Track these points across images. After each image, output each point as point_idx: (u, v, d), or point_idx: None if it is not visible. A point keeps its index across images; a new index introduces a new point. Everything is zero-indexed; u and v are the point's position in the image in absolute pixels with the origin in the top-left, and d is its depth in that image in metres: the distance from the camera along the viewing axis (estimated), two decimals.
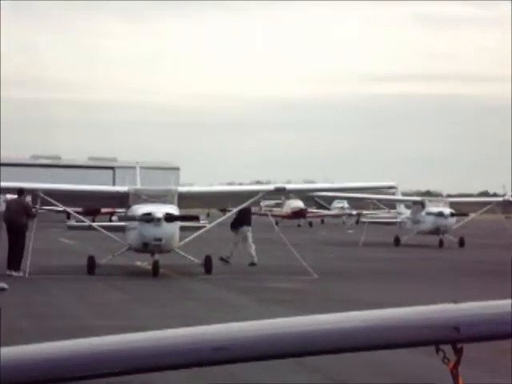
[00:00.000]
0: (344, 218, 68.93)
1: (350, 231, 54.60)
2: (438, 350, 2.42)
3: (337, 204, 71.55)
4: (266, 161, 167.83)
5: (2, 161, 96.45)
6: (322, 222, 73.89)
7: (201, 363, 4.15)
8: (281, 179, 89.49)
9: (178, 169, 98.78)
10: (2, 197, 45.95)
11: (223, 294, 19.36)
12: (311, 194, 43.69)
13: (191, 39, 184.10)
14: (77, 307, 16.83)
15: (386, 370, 10.28)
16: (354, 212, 67.02)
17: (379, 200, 46.85)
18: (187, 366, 4.26)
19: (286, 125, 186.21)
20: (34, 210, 24.16)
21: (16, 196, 24.45)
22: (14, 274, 22.52)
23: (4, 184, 27.37)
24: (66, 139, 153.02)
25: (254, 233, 28.10)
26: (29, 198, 25.60)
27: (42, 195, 24.64)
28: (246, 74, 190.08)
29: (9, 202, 24.68)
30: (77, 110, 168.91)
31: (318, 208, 74.54)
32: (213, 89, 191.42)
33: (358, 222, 60.66)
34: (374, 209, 56.93)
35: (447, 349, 2.31)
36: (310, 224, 66.71)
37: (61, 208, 27.53)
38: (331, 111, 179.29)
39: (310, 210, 69.52)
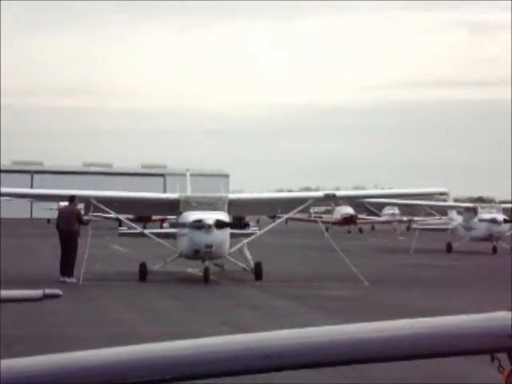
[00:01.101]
0: (395, 224, 68.46)
1: (401, 238, 54.20)
2: (493, 359, 2.39)
3: (387, 210, 71.12)
4: (315, 167, 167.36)
5: (55, 169, 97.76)
6: (373, 228, 73.47)
7: (254, 370, 4.14)
8: (330, 186, 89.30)
9: (227, 176, 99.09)
10: (56, 204, 46.51)
11: (274, 301, 19.34)
12: (361, 200, 43.49)
13: (240, 48, 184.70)
14: (129, 314, 16.95)
15: (440, 379, 10.18)
16: (405, 218, 66.52)
17: (431, 206, 46.44)
18: (240, 373, 4.25)
19: (336, 131, 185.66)
20: (86, 217, 24.40)
21: (67, 203, 24.72)
22: (68, 280, 22.77)
23: (56, 192, 27.71)
24: (117, 147, 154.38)
25: (303, 240, 28.02)
26: (81, 206, 25.87)
27: (94, 202, 24.88)
28: (295, 80, 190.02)
29: (61, 210, 24.97)
30: (128, 117, 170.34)
31: (368, 214, 74.14)
32: (263, 96, 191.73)
33: (409, 228, 60.19)
34: (425, 215, 56.44)
35: (502, 357, 2.28)
36: (361, 230, 66.38)
37: (113, 215, 27.76)
38: (381, 117, 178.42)
39: (360, 216, 69.20)
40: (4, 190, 32.18)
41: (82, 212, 25.03)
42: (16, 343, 12.61)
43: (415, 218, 60.43)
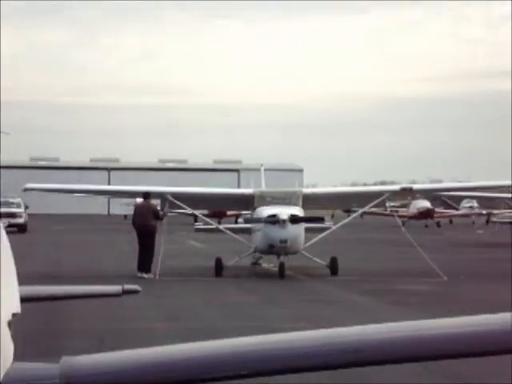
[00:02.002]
0: (473, 217, 67.39)
1: (480, 231, 53.35)
2: None
3: (466, 203, 70.04)
4: (390, 160, 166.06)
5: (132, 165, 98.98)
6: (451, 222, 72.47)
7: (334, 366, 4.03)
8: (405, 179, 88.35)
9: (301, 170, 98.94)
10: (132, 201, 47.02)
11: (350, 296, 19.18)
12: (438, 193, 42.88)
13: (313, 41, 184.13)
14: (206, 309, 17.00)
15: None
16: (484, 211, 65.44)
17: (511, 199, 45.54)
18: (320, 368, 4.14)
19: (410, 124, 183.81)
20: (161, 213, 24.56)
21: (142, 200, 24.90)
22: (145, 276, 22.97)
23: (132, 188, 27.97)
24: (191, 143, 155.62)
25: (379, 234, 27.76)
26: (157, 202, 26.07)
27: (170, 198, 25.04)
28: (367, 72, 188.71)
29: (136, 206, 25.18)
30: (202, 113, 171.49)
31: (445, 208, 73.14)
32: (336, 89, 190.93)
33: (488, 221, 59.21)
34: (505, 208, 55.41)
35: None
36: (438, 224, 65.52)
37: (188, 211, 27.91)
38: (454, 109, 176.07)
39: (437, 210, 68.30)
40: (82, 186, 32.67)
41: (158, 208, 25.21)
42: (105, 338, 12.75)
43: (495, 211, 59.40)
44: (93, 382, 3.90)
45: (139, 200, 27.67)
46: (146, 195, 24.55)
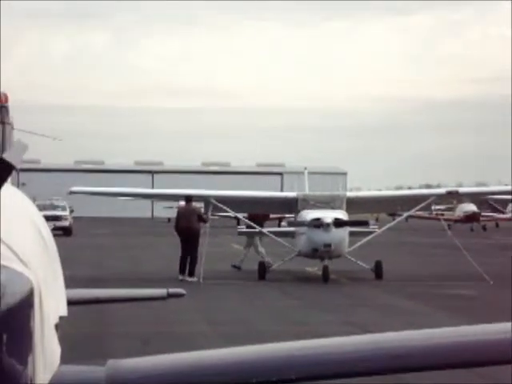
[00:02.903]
0: None
1: None
2: None
3: None
4: (435, 163, 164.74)
5: (175, 169, 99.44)
6: (497, 225, 71.70)
7: (378, 371, 3.97)
8: (451, 182, 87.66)
9: (345, 173, 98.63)
10: (176, 204, 47.20)
11: (396, 300, 19.01)
12: (485, 197, 42.45)
13: (354, 43, 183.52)
14: (250, 313, 16.96)
15: None
16: None
17: None
18: (363, 374, 4.08)
19: (454, 126, 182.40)
20: (205, 215, 24.55)
21: (185, 203, 24.93)
22: (189, 279, 23.00)
23: (175, 191, 28.04)
24: (235, 146, 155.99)
25: (424, 238, 27.50)
26: (201, 205, 26.09)
27: (213, 202, 25.07)
28: (412, 75, 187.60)
29: (179, 210, 25.20)
30: (245, 117, 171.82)
31: (492, 211, 72.38)
32: (381, 91, 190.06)
33: None
34: None
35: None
36: (484, 228, 64.87)
37: (231, 214, 27.91)
38: (500, 111, 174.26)
39: (483, 213, 67.60)
40: (126, 190, 32.86)
41: (200, 211, 25.23)
42: (151, 340, 12.79)
43: None
44: None
45: (182, 203, 27.73)
46: (189, 198, 24.59)
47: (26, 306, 3.45)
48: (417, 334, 4.07)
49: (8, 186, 4.07)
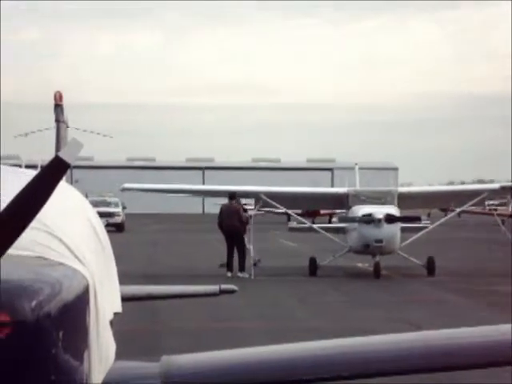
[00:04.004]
0: None
1: None
2: None
3: None
4: (488, 158, 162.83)
5: (226, 165, 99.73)
6: None
7: (431, 369, 3.95)
8: (505, 177, 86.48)
9: (396, 169, 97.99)
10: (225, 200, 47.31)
11: (448, 297, 18.84)
12: None
13: (401, 39, 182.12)
14: (301, 309, 16.96)
15: None
16: None
17: None
18: (416, 371, 4.06)
19: (507, 120, 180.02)
20: (246, 215, 24.37)
21: (228, 201, 24.91)
22: (240, 275, 23.07)
23: (225, 188, 28.09)
24: (285, 142, 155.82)
25: (478, 233, 27.18)
26: (251, 201, 26.12)
27: (264, 198, 25.10)
28: (462, 70, 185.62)
29: (222, 207, 25.23)
30: (295, 113, 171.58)
31: None
32: (431, 86, 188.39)
33: None
34: None
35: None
36: None
37: (282, 210, 27.92)
38: None
39: None
40: (177, 186, 33.07)
41: (251, 207, 25.27)
42: (203, 335, 12.87)
43: None
44: (192, 380, 3.91)
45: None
46: (232, 196, 24.59)
47: (81, 302, 3.50)
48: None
49: (63, 183, 4.13)
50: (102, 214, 5.19)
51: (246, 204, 35.52)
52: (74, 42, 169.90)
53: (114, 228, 45.52)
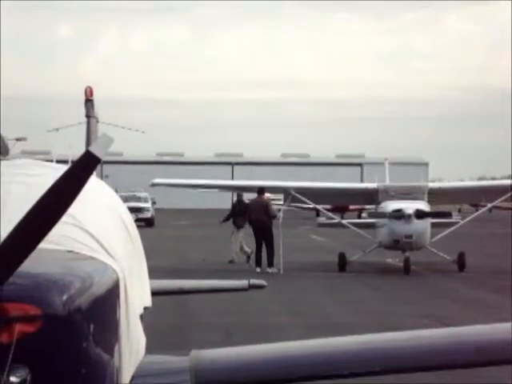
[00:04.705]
0: None
1: None
2: None
3: None
4: None
5: (255, 160, 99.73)
6: None
7: (463, 364, 3.93)
8: None
9: (426, 164, 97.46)
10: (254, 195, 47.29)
11: (479, 293, 18.72)
12: None
13: (430, 32, 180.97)
14: (330, 304, 16.93)
15: None
16: None
17: None
18: (449, 367, 4.04)
19: None
20: (273, 210, 24.33)
21: (256, 195, 24.89)
22: (269, 270, 23.06)
23: (254, 183, 28.10)
24: (314, 137, 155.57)
25: (509, 229, 26.94)
26: (280, 196, 26.08)
27: (293, 193, 25.07)
28: (495, 64, 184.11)
29: (250, 202, 25.21)
30: (325, 108, 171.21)
31: None
32: (461, 81, 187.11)
33: None
34: None
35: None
36: None
37: (311, 205, 27.87)
38: None
39: None
40: (207, 182, 33.12)
41: (280, 203, 25.22)
42: (233, 331, 12.89)
43: None
44: (222, 374, 3.92)
45: (268, 195, 27.75)
46: (261, 190, 24.59)
47: (111, 296, 3.52)
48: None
49: (94, 178, 4.15)
50: (131, 209, 5.22)
51: (274, 199, 35.47)
52: (105, 37, 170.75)
53: (144, 223, 45.66)
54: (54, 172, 3.76)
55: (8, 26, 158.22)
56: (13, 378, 3.01)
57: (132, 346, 3.75)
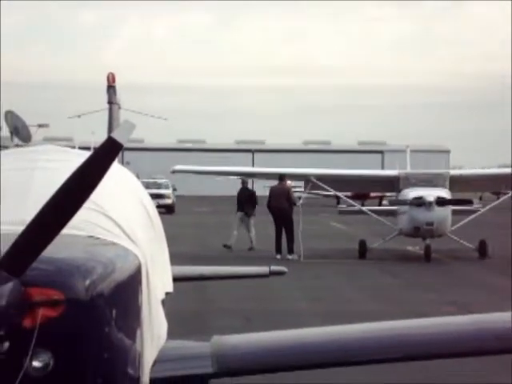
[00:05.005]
0: None
1: None
2: None
3: None
4: None
5: (276, 147, 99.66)
6: None
7: (483, 352, 3.93)
8: None
9: (448, 151, 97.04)
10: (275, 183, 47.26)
11: (500, 281, 18.64)
12: None
13: (455, 19, 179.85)
14: (350, 291, 16.94)
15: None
16: None
17: None
18: (467, 354, 4.04)
19: None
20: (295, 197, 24.36)
21: (278, 182, 24.91)
22: (289, 257, 23.10)
23: (274, 170, 28.08)
24: (335, 124, 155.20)
25: None
26: (300, 183, 26.06)
27: (313, 180, 25.06)
28: (509, 51, 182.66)
29: (272, 189, 25.23)
30: (346, 95, 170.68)
31: None
32: (481, 68, 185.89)
33: None
34: None
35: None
36: None
37: (331, 193, 27.84)
38: None
39: None
40: (227, 168, 33.14)
41: (300, 189, 25.23)
42: (254, 317, 12.93)
43: None
44: (243, 360, 3.95)
45: (289, 183, 27.71)
46: (282, 177, 24.61)
47: (133, 282, 3.55)
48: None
49: (116, 164, 4.17)
50: (152, 196, 5.24)
51: (295, 186, 35.43)
52: (127, 24, 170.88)
53: (165, 210, 45.75)
54: (77, 158, 3.79)
55: (31, 13, 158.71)
56: (36, 363, 3.05)
57: (154, 331, 3.78)
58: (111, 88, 6.74)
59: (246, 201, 26.19)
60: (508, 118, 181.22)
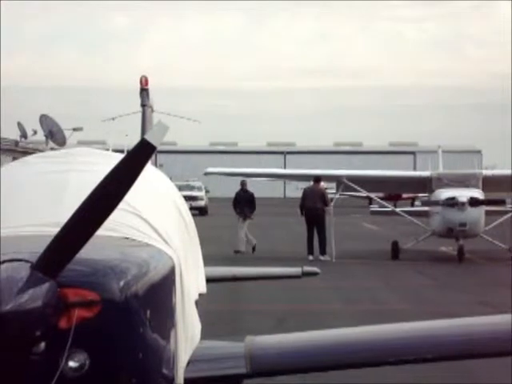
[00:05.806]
0: None
1: None
2: None
3: None
4: None
5: (307, 149, 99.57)
6: None
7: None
8: None
9: (480, 151, 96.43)
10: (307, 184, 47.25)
11: None
12: None
13: (485, 19, 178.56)
14: (384, 291, 16.89)
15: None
16: None
17: None
18: (497, 355, 4.03)
19: None
20: (327, 198, 24.32)
21: (313, 183, 24.91)
22: (322, 258, 23.07)
23: (306, 172, 28.08)
24: (367, 126, 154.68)
25: None
26: (333, 185, 26.01)
27: (345, 181, 25.02)
28: None
29: (305, 190, 25.23)
30: (376, 96, 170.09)
31: None
32: None
33: None
34: None
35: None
36: None
37: (364, 194, 27.77)
38: None
39: None
40: (259, 170, 33.18)
41: (332, 191, 25.18)
42: (286, 318, 12.95)
43: None
44: (276, 360, 3.97)
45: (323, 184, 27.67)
46: (317, 179, 24.61)
47: (167, 283, 3.58)
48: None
49: (150, 166, 4.21)
50: (185, 198, 5.27)
51: (327, 188, 35.29)
52: (160, 26, 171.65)
53: (198, 211, 45.89)
54: (111, 160, 3.83)
55: (64, 17, 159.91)
56: (71, 363, 3.08)
57: (188, 331, 3.80)
58: (144, 91, 6.78)
59: (245, 203, 26.26)
60: None
